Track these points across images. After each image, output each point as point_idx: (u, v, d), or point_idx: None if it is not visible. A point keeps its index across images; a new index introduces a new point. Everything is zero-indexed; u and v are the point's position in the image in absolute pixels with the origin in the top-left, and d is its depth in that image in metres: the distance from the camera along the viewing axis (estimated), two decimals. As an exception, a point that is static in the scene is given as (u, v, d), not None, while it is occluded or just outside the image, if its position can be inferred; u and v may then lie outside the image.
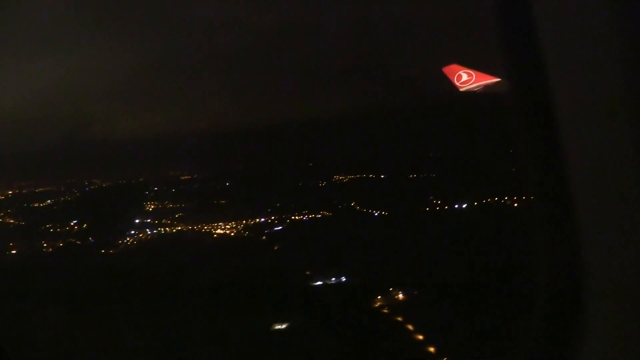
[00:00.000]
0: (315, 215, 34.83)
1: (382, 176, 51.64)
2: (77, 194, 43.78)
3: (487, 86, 29.20)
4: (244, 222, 34.54)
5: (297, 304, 19.01)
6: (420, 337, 17.07)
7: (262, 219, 34.83)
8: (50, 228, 30.74)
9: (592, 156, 1.91)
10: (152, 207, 39.11)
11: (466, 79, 29.38)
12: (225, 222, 34.96)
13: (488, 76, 29.05)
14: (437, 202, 38.45)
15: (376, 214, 36.26)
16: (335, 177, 50.51)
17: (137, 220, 35.16)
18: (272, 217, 35.21)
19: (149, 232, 31.83)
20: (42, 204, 38.04)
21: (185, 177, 54.62)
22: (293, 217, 34.37)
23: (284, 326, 16.93)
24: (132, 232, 32.32)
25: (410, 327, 17.83)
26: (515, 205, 38.12)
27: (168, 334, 15.87)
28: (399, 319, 18.45)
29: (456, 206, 36.82)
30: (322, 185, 48.38)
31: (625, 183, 1.88)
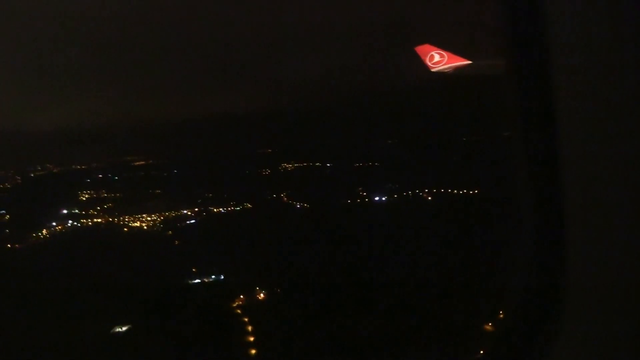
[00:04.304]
0: (234, 208, 35.87)
1: (328, 164, 52.35)
2: (18, 180, 44.20)
3: (458, 68, 29.07)
4: (166, 214, 35.57)
5: (156, 304, 20.26)
6: (251, 338, 18.40)
7: (185, 211, 35.89)
8: (-31, 220, 31.71)
9: (589, 156, 1.88)
10: (87, 196, 39.92)
11: (438, 59, 29.18)
12: (150, 213, 35.93)
13: (460, 58, 29.05)
14: (363, 193, 39.31)
15: (298, 206, 37.35)
16: (283, 165, 51.27)
17: (64, 211, 36.00)
18: (196, 209, 36.25)
19: (68, 225, 32.90)
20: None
21: (139, 162, 55.35)
22: (212, 210, 35.45)
23: (124, 329, 18.26)
24: (53, 224, 33.25)
25: (249, 328, 19.15)
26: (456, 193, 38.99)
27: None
28: (246, 319, 19.75)
29: (376, 198, 37.77)
30: (265, 174, 49.26)
31: (622, 187, 1.85)
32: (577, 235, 1.89)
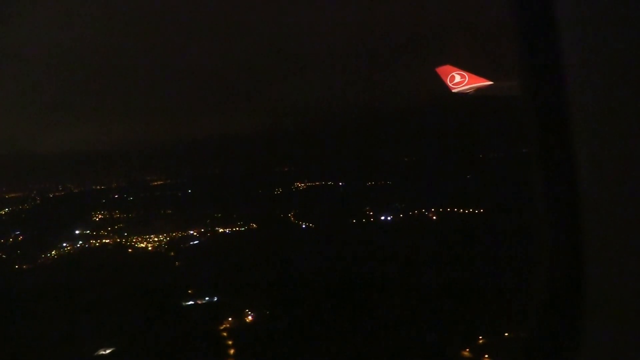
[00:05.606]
0: (239, 229, 36.44)
1: (340, 183, 52.71)
2: (38, 201, 45.47)
3: (479, 89, 29.15)
4: (173, 234, 36.38)
5: (144, 327, 20.84)
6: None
7: (191, 232, 36.66)
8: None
9: (604, 163, 1.89)
10: (100, 216, 41.05)
11: (459, 80, 29.28)
12: (157, 234, 36.78)
13: (481, 79, 29.18)
14: (370, 213, 39.36)
15: (304, 226, 37.72)
16: (297, 184, 51.84)
17: (77, 232, 37.09)
18: (202, 230, 36.97)
19: (77, 245, 33.95)
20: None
21: (158, 182, 56.64)
22: (218, 230, 36.10)
23: (107, 351, 18.84)
24: (64, 244, 34.32)
25: (231, 351, 19.59)
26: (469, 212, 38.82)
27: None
28: (230, 342, 20.19)
29: (383, 217, 37.80)
30: (278, 193, 49.84)
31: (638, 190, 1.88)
32: (595, 246, 1.94)
